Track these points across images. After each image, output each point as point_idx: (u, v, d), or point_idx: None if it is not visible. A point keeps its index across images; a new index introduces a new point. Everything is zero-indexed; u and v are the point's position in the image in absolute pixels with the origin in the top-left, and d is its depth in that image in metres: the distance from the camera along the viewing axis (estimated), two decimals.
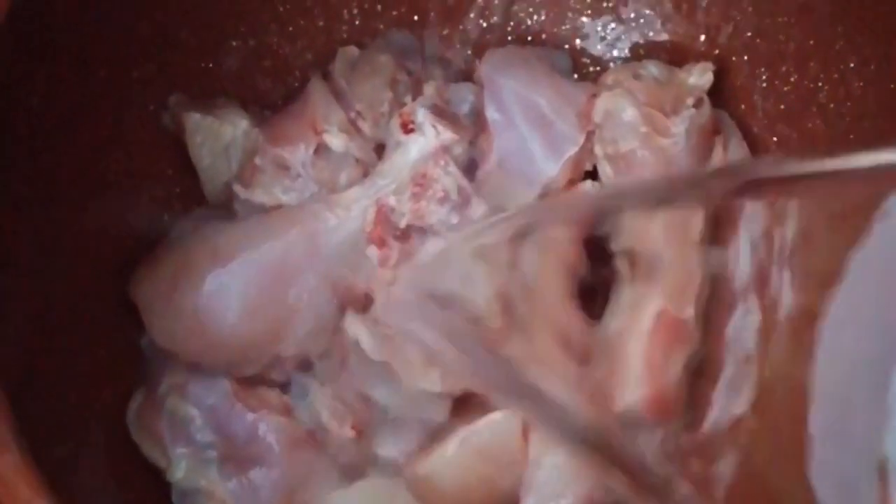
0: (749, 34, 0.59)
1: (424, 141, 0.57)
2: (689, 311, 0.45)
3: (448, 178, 0.57)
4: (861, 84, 0.55)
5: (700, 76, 0.58)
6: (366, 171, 0.59)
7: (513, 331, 0.48)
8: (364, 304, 0.58)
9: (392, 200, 0.57)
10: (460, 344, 0.48)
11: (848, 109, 0.56)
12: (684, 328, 0.46)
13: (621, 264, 0.48)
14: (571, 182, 0.61)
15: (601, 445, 0.39)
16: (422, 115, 0.57)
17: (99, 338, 0.57)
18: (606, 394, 0.45)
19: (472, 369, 0.47)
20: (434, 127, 0.57)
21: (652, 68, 0.59)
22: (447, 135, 0.57)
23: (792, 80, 0.58)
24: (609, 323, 0.50)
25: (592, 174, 0.61)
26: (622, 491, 0.39)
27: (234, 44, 0.60)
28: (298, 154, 0.59)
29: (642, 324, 0.49)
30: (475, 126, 0.61)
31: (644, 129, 0.57)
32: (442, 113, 0.58)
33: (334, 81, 0.61)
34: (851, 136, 0.56)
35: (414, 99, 0.60)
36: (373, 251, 0.57)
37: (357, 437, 0.57)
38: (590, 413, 0.42)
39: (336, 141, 0.59)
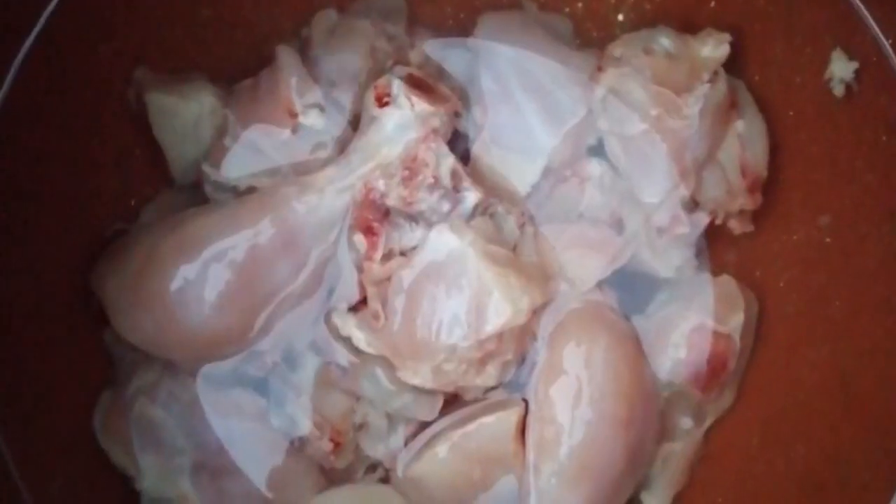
0: (762, 2, 0.55)
1: (400, 114, 0.53)
2: None
3: (440, 161, 0.53)
4: (875, 59, 0.52)
5: (715, 48, 0.54)
6: (342, 149, 0.55)
7: None
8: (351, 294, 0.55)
9: (381, 185, 0.53)
10: None
11: (861, 87, 0.53)
12: None
13: None
14: (574, 157, 0.57)
15: None
16: (396, 87, 0.53)
17: (61, 335, 0.54)
18: None
19: None
20: (409, 99, 0.53)
21: (663, 39, 0.55)
22: (422, 107, 0.53)
23: (807, 50, 0.54)
24: None
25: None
26: None
27: (206, 12, 0.56)
28: (272, 137, 0.55)
29: None
30: (471, 96, 0.57)
31: (654, 112, 0.53)
32: (419, 84, 0.54)
33: (310, 48, 0.57)
34: (865, 114, 0.53)
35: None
36: (360, 239, 0.53)
37: (335, 450, 0.55)
38: None
39: (312, 121, 0.54)
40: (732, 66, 0.56)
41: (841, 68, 0.53)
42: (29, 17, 0.50)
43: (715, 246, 0.58)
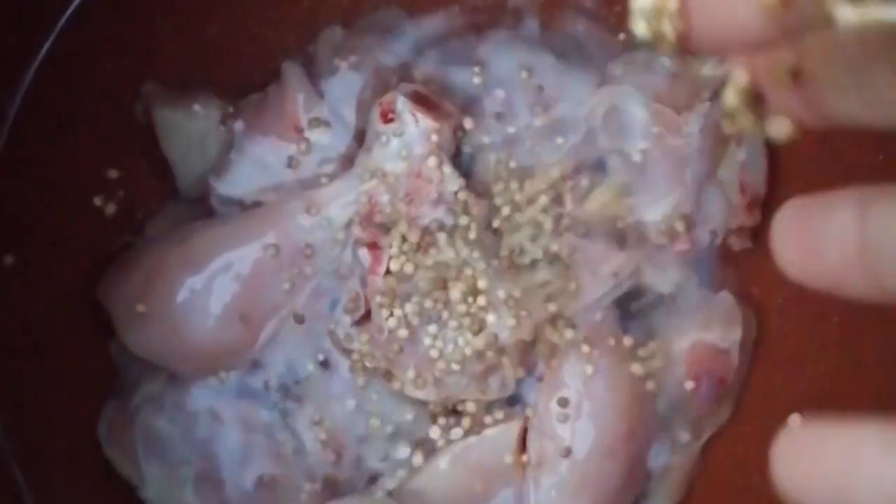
0: None
1: (404, 131, 0.54)
2: None
3: (443, 177, 0.53)
4: None
5: (716, 67, 0.54)
6: (347, 164, 0.56)
7: None
8: (355, 308, 0.55)
9: (385, 200, 0.53)
10: None
11: None
12: None
13: None
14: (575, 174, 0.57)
15: None
16: (401, 104, 0.54)
17: (68, 345, 0.54)
18: None
19: None
20: (413, 115, 0.53)
21: (664, 59, 0.55)
22: (426, 123, 0.53)
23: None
24: None
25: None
26: None
27: (213, 28, 0.56)
28: (278, 152, 0.55)
29: None
30: (474, 113, 0.57)
31: (655, 130, 0.54)
32: (423, 100, 0.55)
33: (316, 65, 0.57)
34: (862, 132, 0.53)
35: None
36: (364, 253, 0.54)
37: (337, 461, 0.55)
38: None
39: (318, 136, 0.55)
40: None
41: None
42: (39, 34, 0.51)
43: (714, 263, 0.58)
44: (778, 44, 0.24)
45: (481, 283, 0.52)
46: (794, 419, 0.53)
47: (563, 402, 0.53)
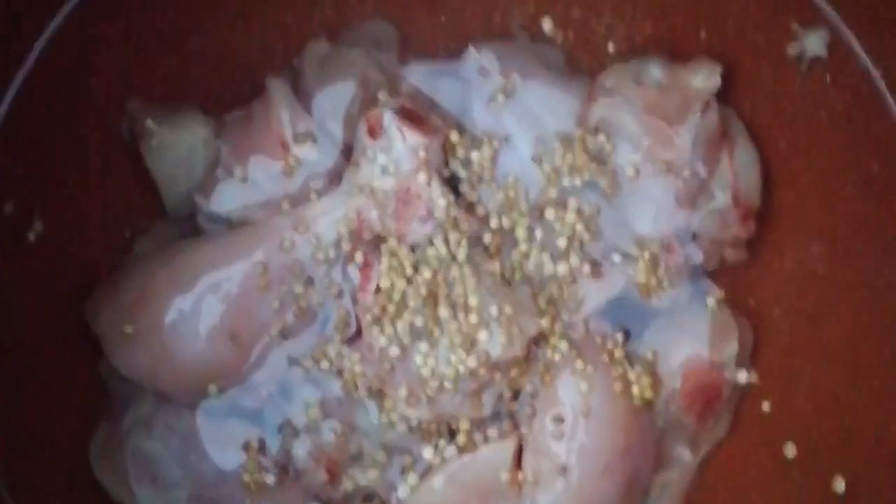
0: (752, 31, 0.55)
1: (392, 147, 0.53)
2: None
3: (432, 193, 0.53)
4: (865, 89, 0.52)
5: (707, 78, 0.54)
6: (335, 180, 0.56)
7: None
8: (346, 326, 0.54)
9: (374, 216, 0.53)
10: None
11: (851, 116, 0.53)
12: None
13: None
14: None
15: None
16: (388, 119, 0.53)
17: (57, 368, 0.54)
18: None
19: None
20: (400, 131, 0.53)
21: (654, 70, 0.54)
22: (414, 139, 0.53)
23: (798, 79, 0.54)
24: None
25: None
26: None
27: (196, 42, 0.56)
28: (265, 168, 0.55)
29: None
30: (462, 127, 0.57)
31: (646, 143, 0.53)
32: (410, 115, 0.54)
33: (301, 79, 0.57)
34: (856, 143, 0.53)
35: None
36: (353, 271, 0.53)
37: (330, 480, 0.54)
38: None
39: (305, 152, 0.55)
40: (723, 94, 0.55)
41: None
42: (20, 51, 0.50)
43: (709, 275, 0.57)
44: None
45: (472, 300, 0.51)
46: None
47: (559, 419, 0.53)
